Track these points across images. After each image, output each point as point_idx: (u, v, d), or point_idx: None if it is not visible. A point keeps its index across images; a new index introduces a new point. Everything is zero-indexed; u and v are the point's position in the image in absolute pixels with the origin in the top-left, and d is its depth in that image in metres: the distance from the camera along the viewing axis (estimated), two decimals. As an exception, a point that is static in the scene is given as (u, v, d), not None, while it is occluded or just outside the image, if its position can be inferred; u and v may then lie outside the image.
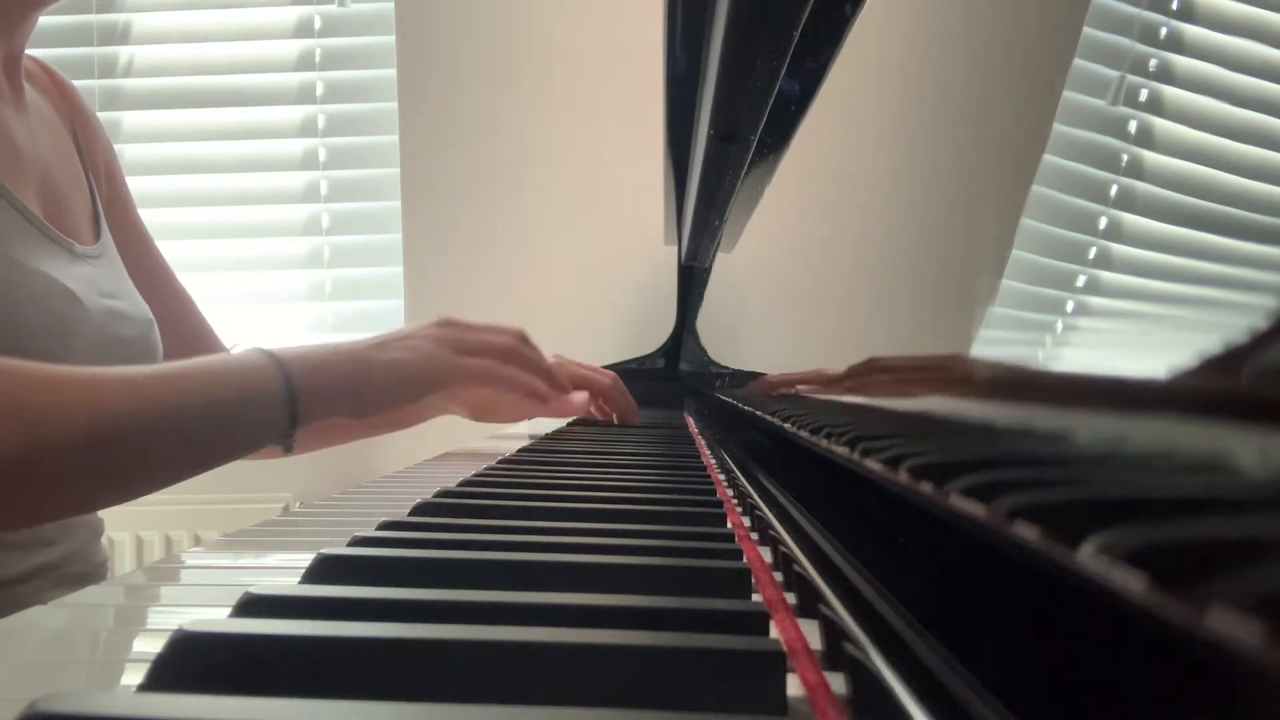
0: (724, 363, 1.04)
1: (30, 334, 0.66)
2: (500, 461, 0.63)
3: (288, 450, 0.65)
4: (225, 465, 0.60)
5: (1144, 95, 0.19)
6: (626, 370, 1.14)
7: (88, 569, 0.77)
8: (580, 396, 0.93)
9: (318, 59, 1.72)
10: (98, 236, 0.79)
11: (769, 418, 0.59)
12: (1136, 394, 0.17)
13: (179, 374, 0.58)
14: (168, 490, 0.61)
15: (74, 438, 0.51)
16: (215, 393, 0.58)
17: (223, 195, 1.73)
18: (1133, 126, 0.20)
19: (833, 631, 0.27)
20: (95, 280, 0.74)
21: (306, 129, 1.72)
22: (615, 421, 1.02)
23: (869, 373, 0.37)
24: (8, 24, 0.72)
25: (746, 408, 0.73)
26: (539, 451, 0.72)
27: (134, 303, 0.79)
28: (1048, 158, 0.23)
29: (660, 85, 0.86)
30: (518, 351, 0.81)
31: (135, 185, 0.94)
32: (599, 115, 1.62)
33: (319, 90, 1.72)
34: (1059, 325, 0.22)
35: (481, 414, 0.92)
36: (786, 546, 0.38)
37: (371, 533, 0.36)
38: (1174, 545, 0.15)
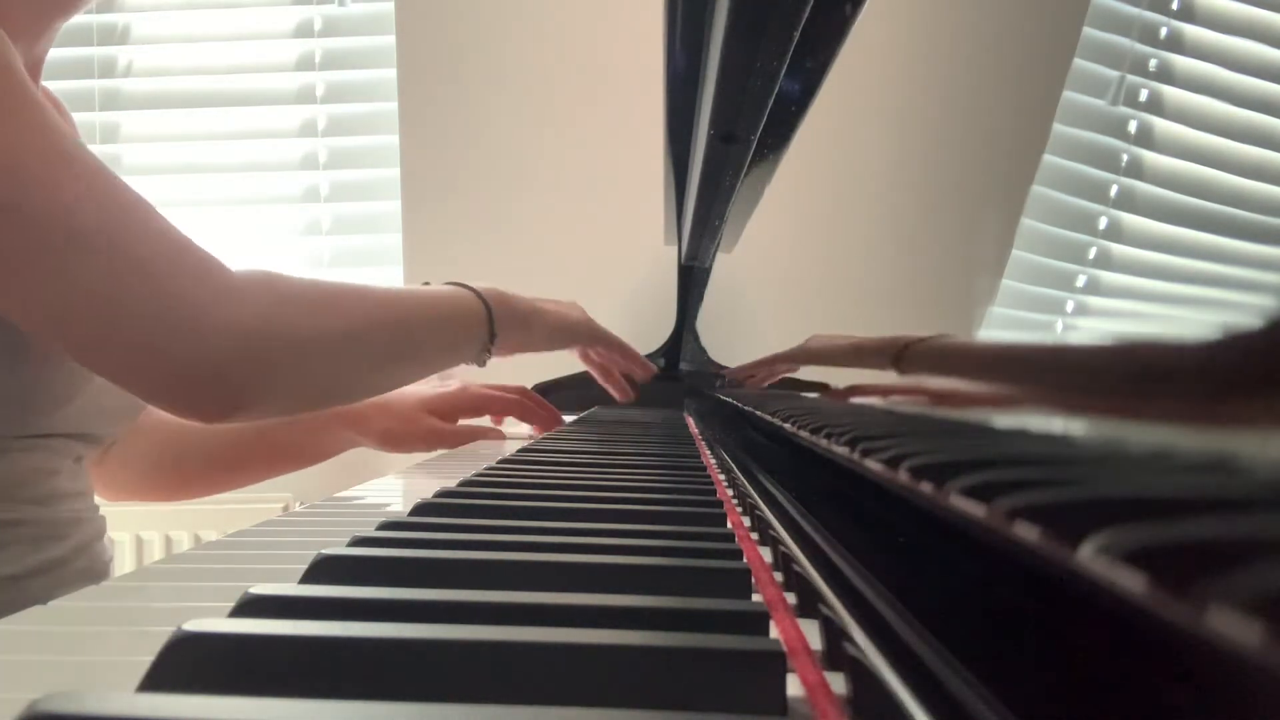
0: (724, 363, 1.04)
1: (50, 358, 0.67)
2: (500, 461, 0.63)
3: (483, 363, 0.85)
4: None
5: (1144, 95, 0.20)
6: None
7: (95, 565, 0.78)
8: (480, 427, 1.03)
9: (318, 60, 1.72)
10: None
11: (769, 418, 0.59)
12: (1136, 394, 0.17)
13: (418, 296, 0.77)
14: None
15: (364, 332, 0.69)
16: (446, 312, 0.79)
17: (223, 197, 1.73)
18: (1133, 126, 0.20)
19: (833, 631, 0.27)
20: None
21: (306, 130, 1.72)
22: (534, 433, 1.05)
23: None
24: (30, 33, 0.72)
25: (746, 408, 0.73)
26: (539, 451, 0.72)
27: None
28: (1048, 158, 0.23)
29: (660, 85, 0.86)
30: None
31: (135, 187, 0.94)
32: (599, 115, 1.62)
33: (319, 91, 1.72)
34: (1059, 325, 0.22)
35: (391, 444, 0.97)
36: (786, 546, 0.38)
37: (371, 533, 0.36)
38: (1174, 545, 0.15)
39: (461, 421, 1.02)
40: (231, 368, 0.60)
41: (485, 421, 1.05)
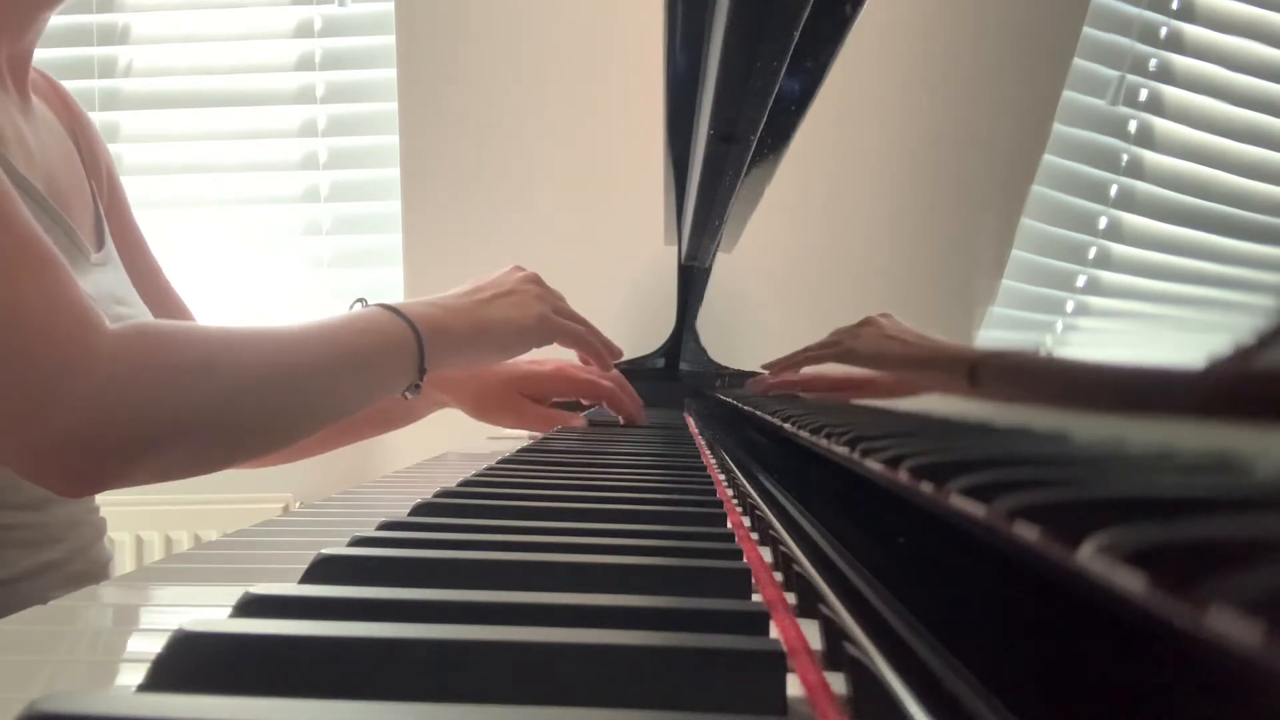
0: (724, 363, 1.04)
1: None
2: (500, 461, 0.63)
3: (411, 398, 0.75)
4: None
5: (1144, 95, 0.20)
6: (626, 371, 1.14)
7: (92, 567, 0.78)
8: (580, 419, 0.99)
9: (318, 60, 1.72)
10: (101, 243, 0.79)
11: (769, 418, 0.59)
12: (1136, 394, 0.17)
13: (332, 333, 0.67)
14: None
15: (254, 387, 0.60)
16: (365, 349, 0.68)
17: (223, 197, 1.72)
18: (1133, 126, 0.20)
19: (833, 631, 0.27)
20: (107, 286, 0.75)
21: (306, 130, 1.72)
22: (621, 422, 1.02)
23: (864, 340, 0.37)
24: (14, 26, 0.72)
25: (746, 408, 0.73)
26: (539, 451, 0.72)
27: (141, 310, 0.79)
28: (1048, 158, 0.23)
29: (660, 85, 0.86)
30: (592, 328, 0.91)
31: (134, 187, 0.94)
32: (599, 115, 1.62)
33: (319, 91, 1.72)
34: (1059, 325, 0.22)
35: (480, 413, 0.94)
36: (786, 546, 0.38)
37: (371, 533, 0.36)
38: (1174, 545, 0.15)
39: (553, 403, 0.99)
40: (93, 441, 0.54)
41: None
